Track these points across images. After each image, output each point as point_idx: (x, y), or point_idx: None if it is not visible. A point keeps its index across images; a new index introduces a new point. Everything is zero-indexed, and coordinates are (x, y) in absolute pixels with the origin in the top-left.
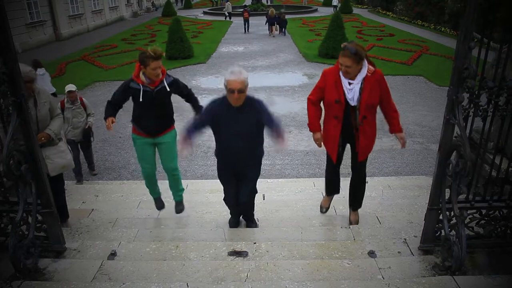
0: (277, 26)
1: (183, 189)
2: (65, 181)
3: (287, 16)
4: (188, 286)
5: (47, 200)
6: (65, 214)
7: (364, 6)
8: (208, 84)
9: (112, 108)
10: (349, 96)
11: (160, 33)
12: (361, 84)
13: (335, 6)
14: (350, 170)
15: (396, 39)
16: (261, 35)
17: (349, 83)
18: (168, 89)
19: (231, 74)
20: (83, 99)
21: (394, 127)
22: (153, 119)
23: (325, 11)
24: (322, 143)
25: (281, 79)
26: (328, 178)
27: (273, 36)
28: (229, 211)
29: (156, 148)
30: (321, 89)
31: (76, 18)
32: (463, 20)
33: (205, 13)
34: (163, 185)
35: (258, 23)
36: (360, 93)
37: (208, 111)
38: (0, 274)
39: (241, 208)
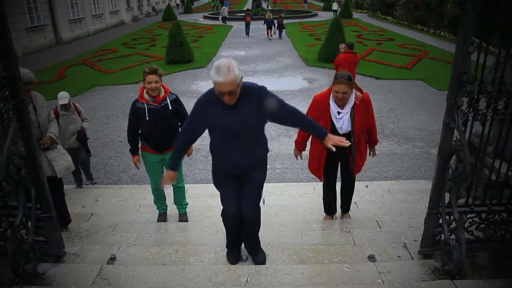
0: (275, 29)
1: (187, 204)
2: (65, 186)
3: (287, 21)
4: None
5: (47, 204)
6: (67, 219)
7: (364, 11)
8: (208, 89)
9: (133, 137)
10: (337, 125)
11: (161, 37)
12: (351, 112)
13: (335, 11)
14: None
15: (396, 43)
16: (261, 39)
17: (338, 113)
18: (170, 107)
19: (217, 74)
20: (77, 105)
21: (374, 142)
22: (160, 135)
23: (325, 16)
24: (298, 157)
25: (281, 84)
26: (325, 195)
27: (270, 39)
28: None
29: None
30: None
31: (77, 22)
32: (462, 25)
33: (205, 17)
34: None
35: (258, 27)
36: (352, 121)
37: (195, 113)
38: None
39: (245, 223)
